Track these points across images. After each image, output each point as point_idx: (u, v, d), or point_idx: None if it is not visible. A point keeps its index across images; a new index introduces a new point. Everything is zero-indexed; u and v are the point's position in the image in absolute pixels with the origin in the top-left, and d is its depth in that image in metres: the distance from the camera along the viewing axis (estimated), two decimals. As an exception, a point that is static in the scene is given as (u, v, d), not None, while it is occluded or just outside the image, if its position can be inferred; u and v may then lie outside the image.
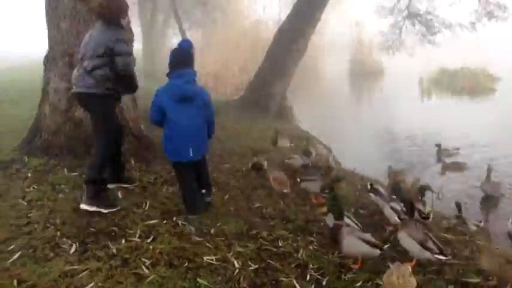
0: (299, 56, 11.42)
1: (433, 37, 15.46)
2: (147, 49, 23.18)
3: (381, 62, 24.72)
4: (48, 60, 5.52)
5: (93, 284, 2.92)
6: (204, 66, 20.16)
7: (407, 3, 15.47)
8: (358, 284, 3.15)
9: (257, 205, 4.59)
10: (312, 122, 11.40)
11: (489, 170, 6.60)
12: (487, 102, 16.61)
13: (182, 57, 4.10)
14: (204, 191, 4.28)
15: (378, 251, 3.35)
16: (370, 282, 3.17)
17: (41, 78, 5.80)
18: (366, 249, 3.33)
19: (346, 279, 3.23)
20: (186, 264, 3.27)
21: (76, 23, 5.29)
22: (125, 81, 4.11)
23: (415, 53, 16.51)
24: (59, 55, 5.39)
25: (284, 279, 3.16)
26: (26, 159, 5.14)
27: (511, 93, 16.58)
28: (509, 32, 27.13)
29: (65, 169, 4.93)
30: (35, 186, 4.53)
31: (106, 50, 3.92)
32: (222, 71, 20.99)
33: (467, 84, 18.85)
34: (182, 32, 19.66)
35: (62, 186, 4.57)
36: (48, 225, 3.74)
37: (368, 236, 3.46)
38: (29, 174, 4.81)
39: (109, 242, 3.50)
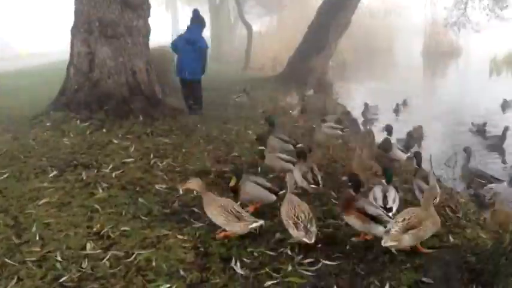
0: (340, 29, 11.27)
1: (502, 11, 14.19)
2: (214, 35, 23.89)
3: (456, 41, 23.07)
4: (73, 28, 6.26)
5: (49, 196, 3.47)
6: (268, 50, 20.55)
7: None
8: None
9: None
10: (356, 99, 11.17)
11: None
12: None
13: (191, 19, 6.93)
14: (194, 105, 6.87)
15: (274, 197, 3.38)
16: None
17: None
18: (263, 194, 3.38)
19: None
20: (137, 189, 3.71)
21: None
22: None
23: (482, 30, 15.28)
24: (81, 24, 6.09)
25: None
26: (51, 113, 5.94)
27: None
28: None
29: (78, 121, 5.63)
30: (49, 132, 5.28)
31: None
32: (283, 52, 21.14)
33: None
34: (241, 16, 20.13)
35: (70, 133, 5.26)
36: (43, 158, 4.39)
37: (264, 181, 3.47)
38: (48, 124, 5.59)
39: (83, 171, 4.05)
